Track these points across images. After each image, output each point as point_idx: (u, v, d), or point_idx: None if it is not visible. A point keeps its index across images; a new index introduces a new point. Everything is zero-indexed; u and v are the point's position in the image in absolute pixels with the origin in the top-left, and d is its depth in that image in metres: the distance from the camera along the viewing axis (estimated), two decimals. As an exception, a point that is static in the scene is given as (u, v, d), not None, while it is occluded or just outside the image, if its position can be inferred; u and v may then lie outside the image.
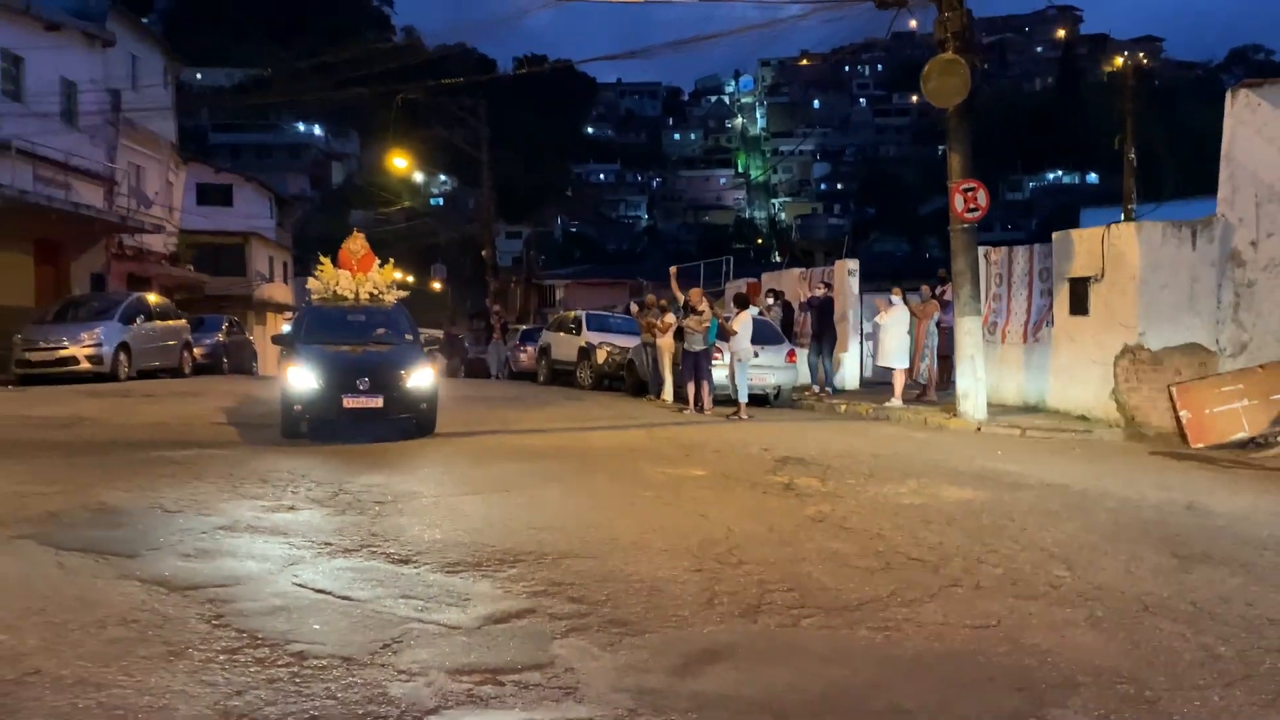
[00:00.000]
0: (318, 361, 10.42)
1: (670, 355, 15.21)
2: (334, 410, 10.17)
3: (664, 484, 8.69)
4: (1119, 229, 11.96)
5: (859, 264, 17.59)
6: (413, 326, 11.98)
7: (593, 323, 19.88)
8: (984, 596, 5.69)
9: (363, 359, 10.75)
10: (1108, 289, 11.92)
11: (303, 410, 10.19)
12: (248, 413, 12.97)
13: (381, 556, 6.01)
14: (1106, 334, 11.92)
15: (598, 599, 5.50)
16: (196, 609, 4.96)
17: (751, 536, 6.88)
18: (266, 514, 7.06)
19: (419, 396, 10.53)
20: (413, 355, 10.94)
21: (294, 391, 10.22)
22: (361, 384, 10.21)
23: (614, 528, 6.98)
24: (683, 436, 11.55)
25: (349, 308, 12.17)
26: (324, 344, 10.96)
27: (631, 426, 12.56)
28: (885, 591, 5.76)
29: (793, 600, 5.59)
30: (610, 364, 18.26)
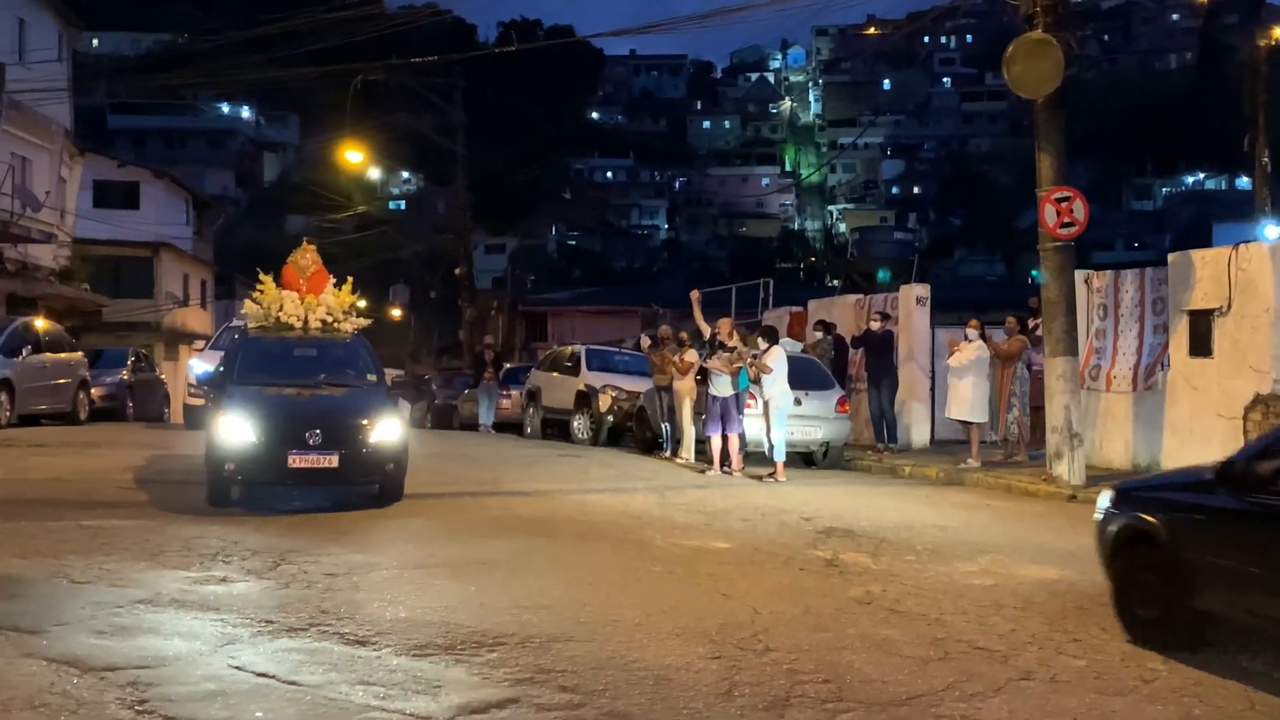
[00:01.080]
0: (255, 408, 10.42)
1: (691, 401, 15.71)
2: (275, 471, 10.24)
3: (677, 558, 9.16)
4: (1249, 250, 12.40)
5: (930, 290, 18.08)
6: (377, 364, 12.08)
7: (594, 360, 20.40)
8: (1060, 691, 6.12)
9: (313, 405, 10.80)
10: (1235, 324, 12.35)
11: (235, 470, 10.25)
12: (163, 470, 13.53)
13: (334, 636, 6.49)
14: (1234, 380, 12.33)
15: (593, 688, 5.95)
16: (116, 693, 5.42)
17: (782, 619, 7.34)
18: (194, 586, 7.56)
19: (384, 455, 10.57)
20: (376, 401, 10.99)
21: (224, 446, 10.21)
22: (311, 437, 10.20)
23: (614, 607, 7.44)
24: (704, 502, 11.99)
25: (296, 339, 12.17)
26: (264, 385, 11.01)
27: (640, 489, 13.03)
28: (941, 684, 6.20)
29: (828, 693, 6.04)
30: (616, 412, 18.75)
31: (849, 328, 18.83)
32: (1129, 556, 7.26)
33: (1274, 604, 6.26)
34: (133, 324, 38.91)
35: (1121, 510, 7.45)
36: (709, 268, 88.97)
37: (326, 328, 12.36)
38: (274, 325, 12.33)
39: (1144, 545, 7.13)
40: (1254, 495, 6.34)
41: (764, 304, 24.75)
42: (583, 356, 20.35)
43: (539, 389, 21.34)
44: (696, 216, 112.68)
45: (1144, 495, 7.57)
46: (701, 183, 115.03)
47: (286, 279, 12.68)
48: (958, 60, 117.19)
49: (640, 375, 18.69)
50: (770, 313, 23.10)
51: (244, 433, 10.24)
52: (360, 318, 12.74)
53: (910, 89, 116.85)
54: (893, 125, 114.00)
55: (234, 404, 10.56)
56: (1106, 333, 14.27)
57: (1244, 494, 6.41)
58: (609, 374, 19.80)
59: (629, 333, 32.57)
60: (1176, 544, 6.87)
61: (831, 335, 18.07)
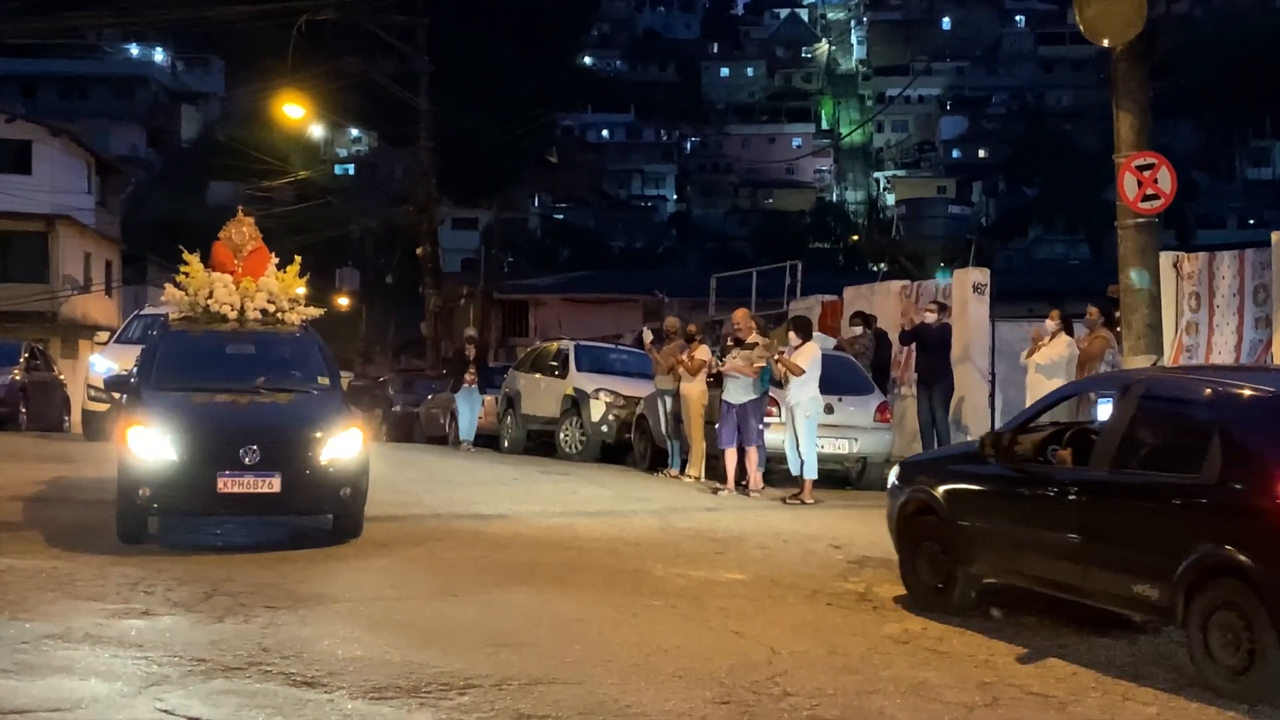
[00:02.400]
0: (177, 418, 10.28)
1: (701, 408, 16.06)
2: (201, 497, 10.12)
3: (682, 590, 9.52)
4: None
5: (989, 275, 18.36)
6: (330, 364, 11.97)
7: (585, 359, 20.71)
8: (1124, 743, 6.50)
9: (250, 415, 10.71)
10: None
11: (152, 496, 10.10)
12: (65, 492, 13.77)
13: (279, 677, 6.85)
14: None
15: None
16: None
17: (804, 660, 7.71)
18: (112, 620, 7.92)
19: (339, 477, 10.40)
20: (329, 410, 10.90)
21: (138, 467, 10.05)
22: (247, 454, 10.04)
23: (607, 646, 7.80)
24: (715, 527, 12.33)
25: (229, 333, 11.95)
26: (188, 390, 10.87)
27: (639, 513, 13.39)
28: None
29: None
30: (611, 422, 19.07)
31: (892, 320, 19.15)
32: (914, 527, 9.44)
33: (1039, 564, 8.44)
34: (22, 314, 39.26)
35: (906, 483, 9.67)
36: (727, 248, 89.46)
37: (268, 319, 12.10)
38: (202, 316, 12.03)
39: (928, 516, 9.29)
40: (1018, 464, 8.74)
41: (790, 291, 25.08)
42: (571, 355, 20.62)
43: (518, 394, 21.63)
44: (712, 185, 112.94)
45: (926, 468, 10.04)
46: (718, 144, 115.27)
47: (218, 258, 12.36)
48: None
49: (641, 377, 18.96)
50: (799, 302, 23.43)
51: (162, 449, 10.03)
52: (309, 306, 12.53)
53: (975, 29, 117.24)
54: (954, 74, 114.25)
55: (150, 413, 10.34)
56: (1199, 326, 14.55)
57: (1009, 463, 8.77)
58: (603, 376, 20.05)
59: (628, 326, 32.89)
60: (954, 513, 9.04)
61: (871, 329, 18.40)
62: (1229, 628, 7.09)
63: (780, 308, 23.38)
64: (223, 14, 28.81)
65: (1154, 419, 8.30)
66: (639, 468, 17.96)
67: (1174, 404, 8.44)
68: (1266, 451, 7.30)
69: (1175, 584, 7.35)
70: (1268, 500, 7.00)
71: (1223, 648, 7.12)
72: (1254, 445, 7.41)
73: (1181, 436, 8.10)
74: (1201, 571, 7.25)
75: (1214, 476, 7.39)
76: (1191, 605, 7.30)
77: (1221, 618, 7.15)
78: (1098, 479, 8.15)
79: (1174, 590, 7.37)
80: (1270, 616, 6.82)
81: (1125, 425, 8.22)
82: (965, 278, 18.49)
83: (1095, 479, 8.16)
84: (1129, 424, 8.22)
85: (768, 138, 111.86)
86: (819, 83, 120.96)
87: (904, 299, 19.75)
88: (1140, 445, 8.18)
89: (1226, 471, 7.34)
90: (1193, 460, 7.59)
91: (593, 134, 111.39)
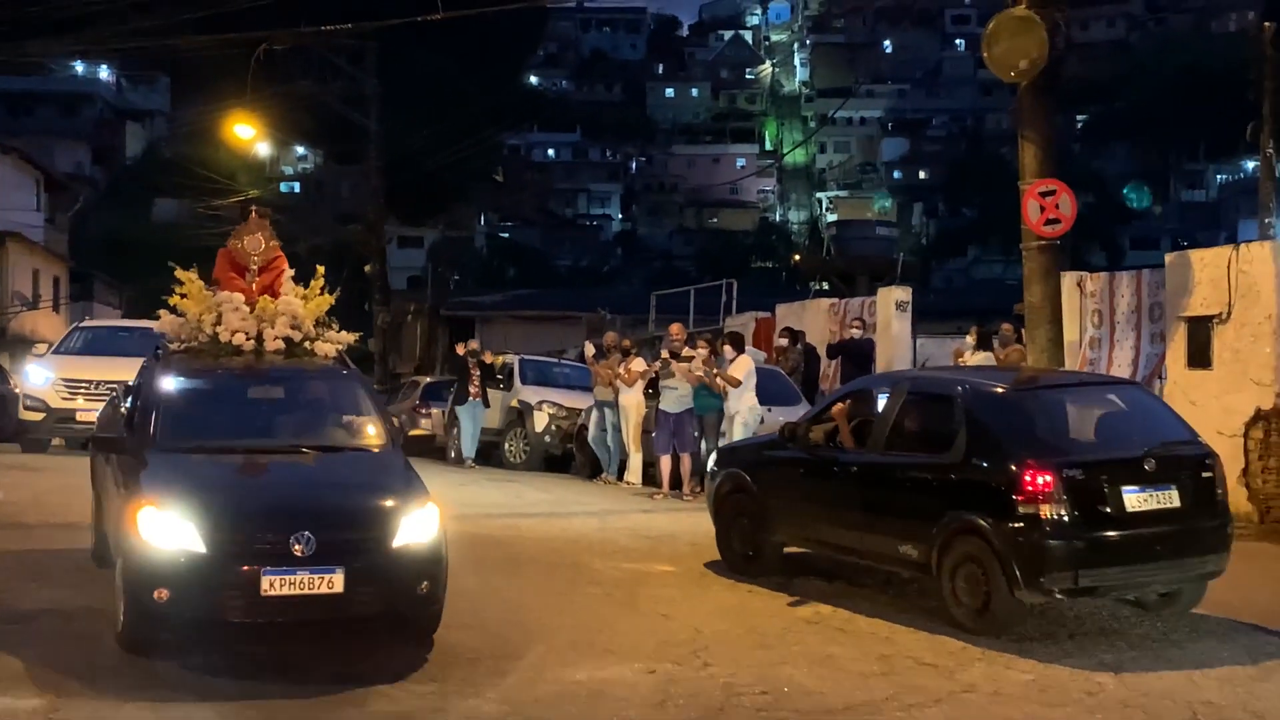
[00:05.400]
0: (202, 494, 7.90)
1: (639, 418, 16.90)
2: (240, 603, 7.54)
3: (617, 580, 10.37)
4: (1251, 250, 13.60)
5: (911, 293, 19.33)
6: (381, 410, 9.68)
7: (530, 373, 21.45)
8: (1001, 703, 7.41)
9: (297, 488, 8.47)
10: (1236, 332, 13.48)
11: (173, 601, 7.48)
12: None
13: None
14: (1234, 394, 13.41)
15: (524, 700, 7.15)
16: None
17: (724, 638, 8.59)
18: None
19: (416, 568, 7.93)
20: (394, 476, 8.50)
21: (151, 560, 7.57)
22: (300, 544, 7.55)
23: (547, 627, 8.64)
24: (649, 527, 13.18)
25: (248, 370, 9.53)
26: (206, 451, 8.55)
27: (578, 514, 14.20)
28: (881, 696, 7.49)
29: (764, 703, 7.31)
30: (554, 432, 19.84)
31: (821, 336, 20.08)
32: (728, 505, 10.97)
33: (828, 532, 10.17)
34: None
35: (722, 467, 11.35)
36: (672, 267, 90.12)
37: (293, 350, 9.63)
38: (210, 347, 9.54)
39: (739, 495, 10.87)
40: (811, 448, 10.39)
41: (726, 309, 25.90)
42: (516, 368, 21.36)
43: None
44: (657, 205, 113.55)
45: (739, 454, 11.67)
46: (664, 163, 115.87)
47: (223, 273, 10.07)
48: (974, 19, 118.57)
49: (584, 390, 19.62)
50: (733, 319, 24.28)
51: (184, 538, 7.54)
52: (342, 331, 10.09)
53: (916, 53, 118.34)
54: (895, 96, 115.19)
55: (164, 487, 7.91)
56: (1102, 342, 15.53)
57: (804, 448, 10.41)
58: (547, 388, 20.79)
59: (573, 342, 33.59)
60: (761, 491, 10.64)
61: (800, 344, 19.32)
62: (971, 577, 8.79)
63: (716, 324, 24.22)
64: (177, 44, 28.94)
65: (916, 410, 9.89)
66: (581, 476, 18.70)
67: (931, 398, 10.02)
68: (1001, 436, 9.04)
69: (932, 544, 9.02)
70: (1001, 476, 8.74)
71: (967, 593, 8.82)
72: (991, 431, 9.12)
73: (937, 424, 9.58)
74: (951, 533, 8.93)
75: (960, 456, 9.08)
76: (944, 561, 8.97)
77: (966, 569, 8.83)
78: (871, 460, 9.88)
79: (931, 549, 9.03)
80: (1001, 567, 8.55)
81: (894, 415, 9.87)
82: (889, 296, 19.42)
83: (870, 460, 9.89)
84: (897, 414, 9.86)
85: (712, 158, 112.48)
86: (763, 104, 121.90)
87: (832, 316, 20.65)
88: (905, 431, 9.84)
89: (970, 452, 9.04)
90: (945, 443, 9.27)
91: (539, 153, 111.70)
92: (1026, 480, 8.54)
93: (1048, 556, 8.45)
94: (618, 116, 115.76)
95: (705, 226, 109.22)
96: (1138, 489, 8.76)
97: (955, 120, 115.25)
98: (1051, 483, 8.51)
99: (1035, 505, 8.49)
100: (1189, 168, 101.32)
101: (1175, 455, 9.15)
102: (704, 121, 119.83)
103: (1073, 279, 15.67)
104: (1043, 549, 8.44)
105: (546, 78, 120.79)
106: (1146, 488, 8.79)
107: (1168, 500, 8.85)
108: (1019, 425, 9.19)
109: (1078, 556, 8.51)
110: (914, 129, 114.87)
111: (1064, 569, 8.48)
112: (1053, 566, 8.46)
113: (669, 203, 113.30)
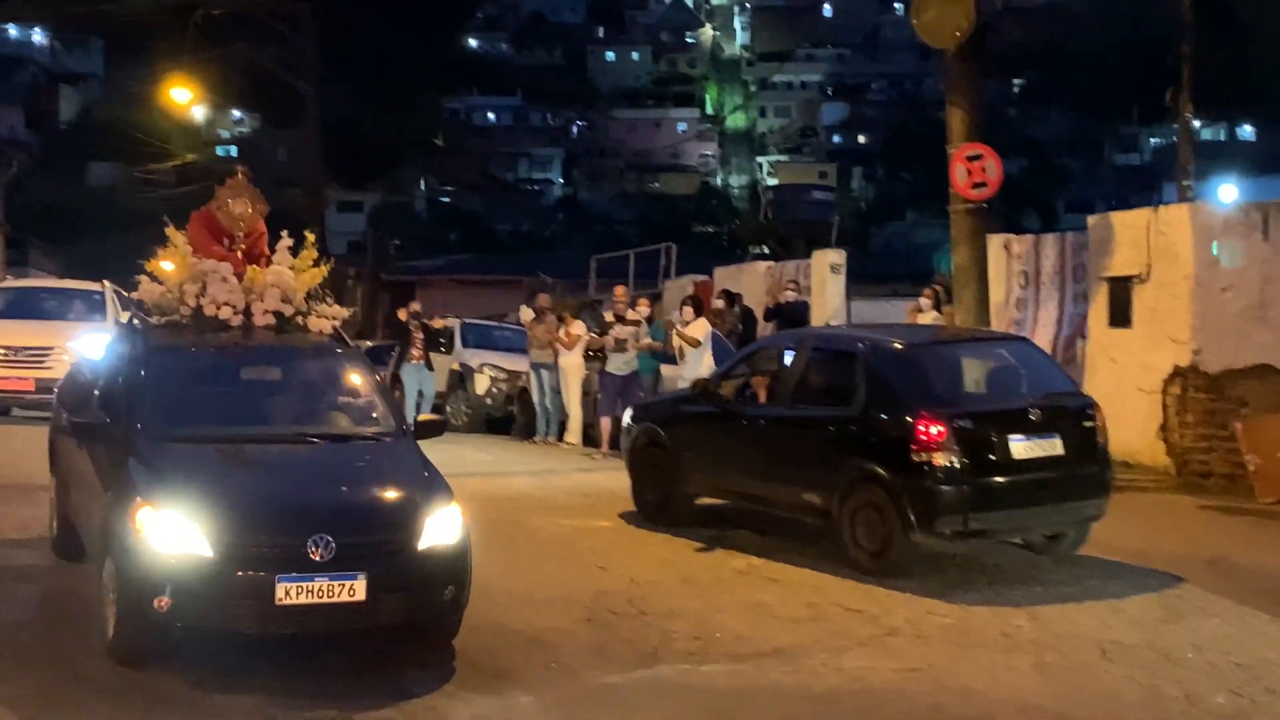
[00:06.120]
0: (207, 492, 7.13)
1: (579, 380, 17.14)
2: (253, 612, 6.86)
3: (555, 535, 10.70)
4: (1169, 213, 14.07)
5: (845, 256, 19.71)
6: (386, 393, 8.93)
7: (471, 336, 21.64)
8: (923, 644, 7.79)
9: (310, 484, 7.67)
10: (1154, 292, 13.96)
11: (176, 610, 6.75)
12: None
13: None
14: (1153, 352, 13.92)
15: (468, 649, 7.42)
16: None
17: (659, 588, 8.93)
18: None
19: (442, 571, 7.29)
20: (411, 468, 7.83)
21: (152, 565, 6.83)
22: (319, 547, 6.86)
23: (488, 580, 8.86)
24: (588, 485, 13.48)
25: (239, 348, 8.65)
26: (203, 441, 7.78)
27: (519, 474, 14.46)
28: (809, 639, 7.85)
29: (697, 648, 7.66)
30: (496, 394, 20.06)
31: (758, 298, 20.40)
32: (643, 457, 11.50)
33: (737, 482, 10.65)
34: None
35: (637, 422, 11.89)
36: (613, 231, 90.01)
37: (284, 326, 8.78)
38: (193, 322, 8.66)
39: (653, 448, 11.37)
40: (721, 403, 10.85)
41: (665, 272, 26.17)
42: (457, 332, 21.52)
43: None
44: (599, 169, 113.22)
45: (653, 410, 12.26)
46: (605, 128, 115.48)
47: (199, 239, 9.11)
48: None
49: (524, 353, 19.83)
50: (672, 282, 24.57)
51: (189, 541, 6.82)
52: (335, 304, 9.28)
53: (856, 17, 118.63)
54: (835, 60, 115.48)
55: (163, 484, 7.18)
56: (1027, 302, 15.98)
57: (714, 403, 10.82)
58: (488, 352, 20.96)
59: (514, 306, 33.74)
60: (674, 444, 11.13)
61: (738, 307, 19.60)
62: (869, 523, 9.35)
63: (655, 287, 24.47)
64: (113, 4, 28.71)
65: (819, 366, 10.42)
66: (520, 437, 18.91)
67: (833, 354, 10.55)
68: (899, 390, 9.57)
69: (833, 492, 9.56)
70: (898, 427, 9.25)
71: (865, 537, 9.37)
72: (889, 385, 9.65)
73: (839, 379, 10.09)
74: (851, 481, 9.49)
75: (860, 409, 9.63)
76: (844, 507, 9.50)
77: (865, 515, 9.39)
78: (777, 413, 10.44)
79: (832, 496, 9.57)
80: (897, 512, 9.12)
81: (799, 371, 10.40)
82: (823, 259, 19.79)
83: (775, 413, 10.46)
84: (802, 370, 10.39)
85: (653, 122, 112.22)
86: (703, 68, 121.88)
87: (769, 279, 20.99)
88: (810, 386, 10.37)
89: (869, 405, 9.59)
90: (846, 397, 9.81)
91: (479, 117, 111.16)
92: (920, 430, 9.08)
93: (940, 501, 9.03)
94: (558, 80, 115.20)
95: (647, 191, 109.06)
96: (1024, 438, 9.34)
97: (894, 85, 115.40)
98: (944, 433, 9.06)
99: (929, 454, 9.05)
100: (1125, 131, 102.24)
101: (1059, 406, 9.78)
102: (645, 86, 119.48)
103: (1000, 241, 16.10)
104: (935, 494, 9.03)
105: (486, 41, 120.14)
106: (1032, 436, 9.37)
107: (1051, 448, 9.43)
108: (914, 379, 9.72)
109: (968, 501, 9.09)
110: (854, 93, 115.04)
111: (955, 513, 9.07)
112: (945, 511, 9.04)
113: (610, 167, 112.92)
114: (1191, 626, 8.22)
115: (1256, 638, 8.00)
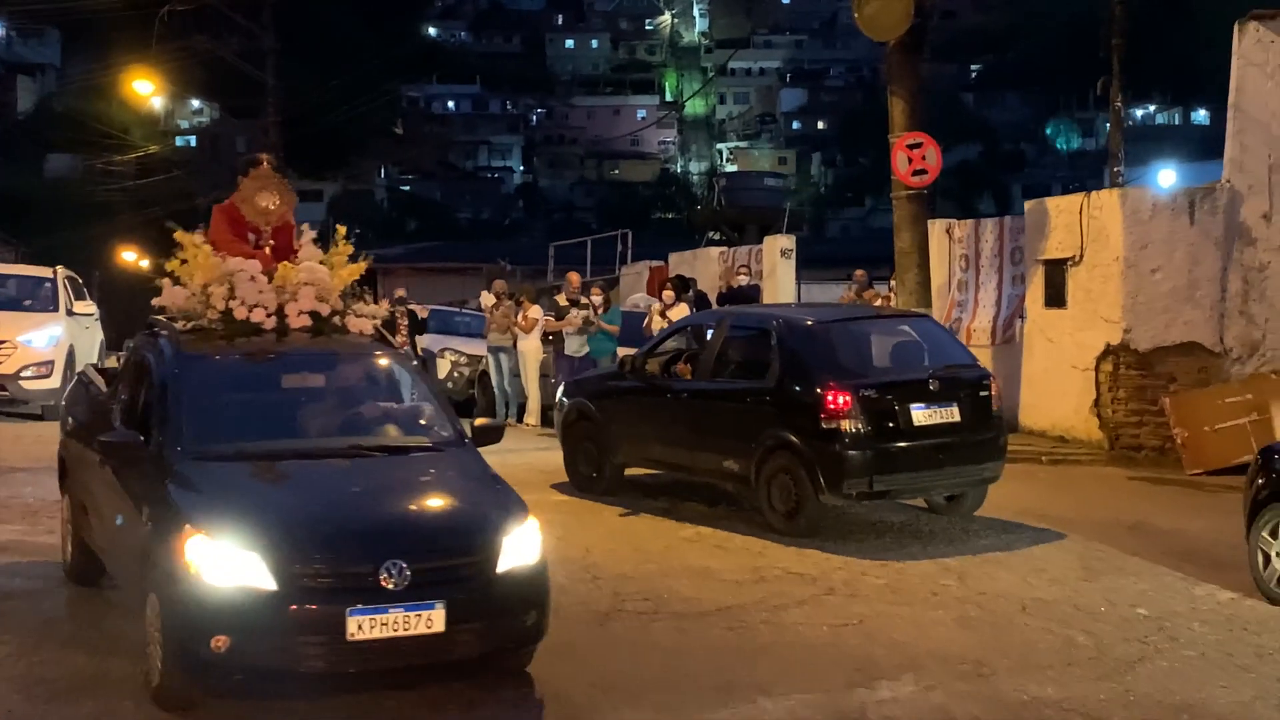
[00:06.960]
0: (262, 516, 6.45)
1: (537, 363, 17.65)
2: (322, 649, 6.20)
3: (515, 509, 11.19)
4: (1100, 198, 14.67)
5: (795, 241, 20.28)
6: (438, 396, 8.24)
7: (433, 322, 22.14)
8: (856, 602, 8.35)
9: (375, 502, 6.94)
10: (1088, 274, 14.60)
11: (235, 650, 6.05)
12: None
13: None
14: (1087, 331, 14.57)
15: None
16: None
17: (612, 555, 9.47)
18: None
19: (524, 595, 6.65)
20: (480, 481, 7.23)
21: (206, 601, 6.12)
22: (391, 574, 6.21)
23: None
24: (547, 463, 13.92)
25: (277, 354, 7.86)
26: (249, 457, 7.09)
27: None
28: (751, 600, 8.39)
29: (646, 608, 8.19)
30: (457, 378, 20.55)
31: (712, 283, 20.93)
32: (575, 431, 12.31)
33: (662, 452, 11.49)
34: None
35: (571, 397, 12.62)
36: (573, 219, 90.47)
37: (322, 327, 8.00)
38: (221, 325, 7.84)
39: (585, 422, 12.19)
40: (647, 378, 11.67)
41: (622, 258, 26.73)
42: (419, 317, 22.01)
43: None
44: (558, 157, 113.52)
45: (585, 385, 12.95)
46: (564, 115, 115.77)
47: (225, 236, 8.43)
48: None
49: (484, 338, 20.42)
50: (629, 268, 25.12)
51: (246, 572, 6.13)
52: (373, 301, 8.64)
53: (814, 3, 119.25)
54: (793, 47, 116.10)
55: (207, 504, 6.53)
56: (968, 284, 16.57)
57: (641, 378, 11.68)
58: (449, 337, 21.48)
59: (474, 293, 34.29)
60: (604, 418, 11.95)
61: (691, 291, 20.12)
62: (783, 486, 10.15)
63: (613, 273, 24.99)
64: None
65: (738, 342, 11.22)
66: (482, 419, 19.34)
67: (750, 331, 11.32)
68: (809, 363, 10.30)
69: (751, 458, 10.32)
70: (809, 397, 9.97)
71: (779, 500, 10.18)
72: (801, 359, 10.40)
73: (755, 354, 10.87)
74: (767, 449, 10.23)
75: (775, 382, 10.38)
76: (761, 473, 10.29)
77: (779, 480, 10.18)
78: (699, 387, 11.16)
79: (750, 463, 10.34)
80: (808, 475, 9.89)
81: (719, 347, 11.19)
82: (775, 244, 20.33)
83: (698, 387, 11.17)
84: (721, 346, 11.19)
85: (613, 109, 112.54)
86: (662, 55, 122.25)
87: (722, 263, 21.53)
88: (729, 361, 11.15)
89: (783, 378, 10.33)
90: (762, 371, 10.58)
91: (439, 106, 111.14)
92: (829, 400, 9.82)
93: (847, 465, 9.80)
94: (517, 68, 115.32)
95: (606, 178, 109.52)
96: (924, 406, 10.15)
97: (852, 71, 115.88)
98: (850, 402, 9.81)
99: (836, 421, 9.81)
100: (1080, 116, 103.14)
101: (956, 377, 10.56)
102: (604, 73, 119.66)
103: (942, 226, 16.70)
104: (843, 459, 9.80)
105: (445, 29, 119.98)
106: (931, 405, 10.19)
107: (949, 415, 10.25)
108: (824, 353, 10.43)
109: (872, 464, 9.90)
110: (812, 79, 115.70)
111: (860, 475, 9.86)
112: (851, 473, 9.82)
113: (570, 154, 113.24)
114: (1107, 584, 8.81)
115: (1166, 593, 8.60)
